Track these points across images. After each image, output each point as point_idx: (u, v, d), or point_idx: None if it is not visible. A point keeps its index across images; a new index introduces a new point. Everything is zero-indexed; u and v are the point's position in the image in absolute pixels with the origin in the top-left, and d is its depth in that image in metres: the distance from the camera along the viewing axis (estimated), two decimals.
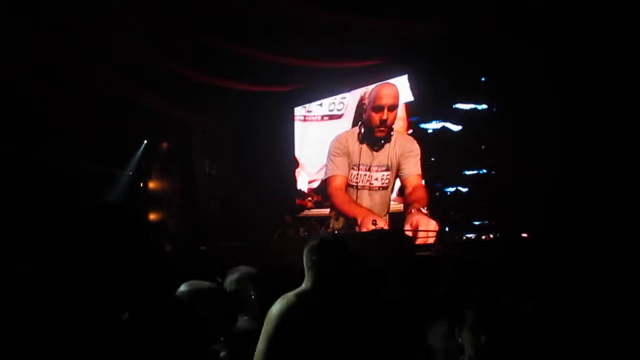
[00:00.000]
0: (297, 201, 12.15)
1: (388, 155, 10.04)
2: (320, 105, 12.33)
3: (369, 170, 10.02)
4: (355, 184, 10.25)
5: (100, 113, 11.73)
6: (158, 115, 12.85)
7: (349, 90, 11.83)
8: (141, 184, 14.28)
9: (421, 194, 9.95)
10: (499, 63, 9.82)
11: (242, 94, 11.89)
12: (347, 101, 11.74)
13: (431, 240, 9.43)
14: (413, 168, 10.14)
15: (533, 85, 9.25)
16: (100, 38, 9.49)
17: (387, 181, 9.97)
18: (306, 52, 10.18)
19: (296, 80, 11.70)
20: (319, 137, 12.09)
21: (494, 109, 10.24)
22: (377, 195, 10.07)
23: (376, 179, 9.96)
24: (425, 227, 9.40)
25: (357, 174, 10.21)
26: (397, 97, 10.34)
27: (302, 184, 12.41)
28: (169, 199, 14.22)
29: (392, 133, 10.10)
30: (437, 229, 9.56)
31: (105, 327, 1.27)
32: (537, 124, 9.24)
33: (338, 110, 11.89)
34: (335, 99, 12.03)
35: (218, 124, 13.46)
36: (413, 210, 9.59)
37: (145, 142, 14.09)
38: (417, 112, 10.88)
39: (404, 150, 10.06)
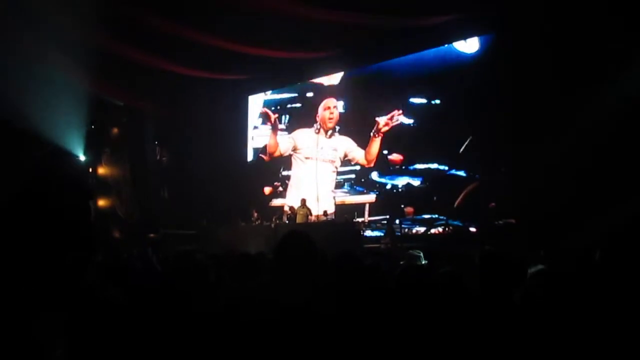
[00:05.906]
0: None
1: (335, 141, 12.69)
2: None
3: (322, 148, 12.75)
4: (314, 158, 12.85)
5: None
6: (109, 100, 12.59)
7: (302, 81, 12.94)
8: (90, 169, 13.86)
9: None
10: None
11: (196, 80, 11.72)
12: None
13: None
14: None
15: (486, 80, 9.50)
16: (48, 17, 9.18)
17: (333, 156, 12.67)
18: (264, 42, 10.17)
19: (251, 69, 11.65)
20: None
21: (448, 104, 10.40)
22: (326, 166, 12.74)
23: (328, 153, 12.73)
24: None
25: (317, 150, 12.87)
26: (336, 104, 12.78)
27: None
28: (119, 185, 13.87)
29: (337, 127, 12.61)
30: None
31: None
32: (489, 121, 9.45)
33: None
34: None
35: (170, 110, 13.23)
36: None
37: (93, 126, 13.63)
38: None
39: (349, 145, 12.50)
